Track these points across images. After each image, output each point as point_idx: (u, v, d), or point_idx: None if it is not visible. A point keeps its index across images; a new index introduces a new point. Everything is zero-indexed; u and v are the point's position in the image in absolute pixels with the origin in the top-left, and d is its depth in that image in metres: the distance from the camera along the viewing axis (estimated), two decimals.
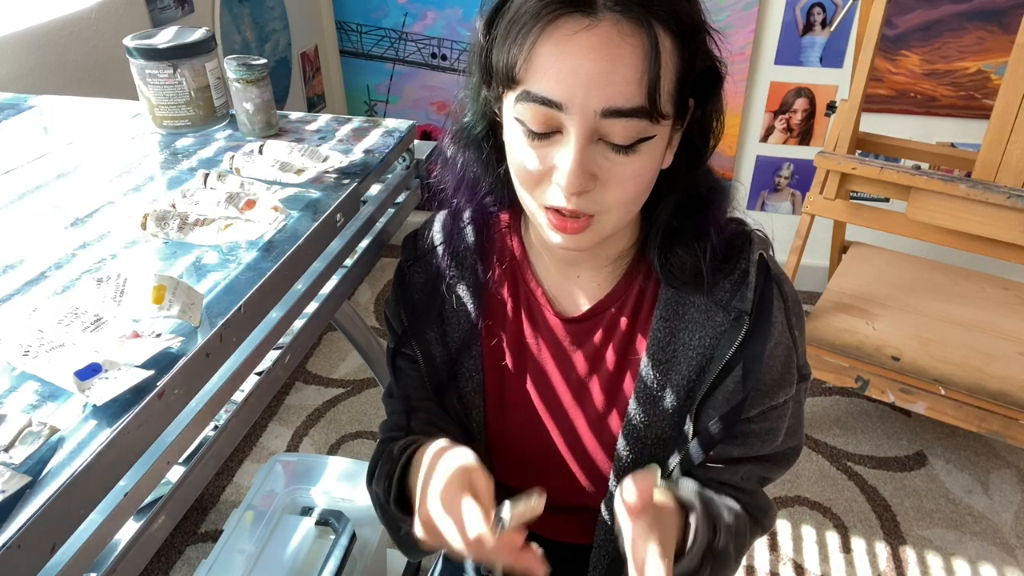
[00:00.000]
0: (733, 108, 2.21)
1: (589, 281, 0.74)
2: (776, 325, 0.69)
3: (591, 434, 0.77)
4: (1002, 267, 2.05)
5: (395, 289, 0.81)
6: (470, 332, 0.77)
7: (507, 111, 0.63)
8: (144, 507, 0.55)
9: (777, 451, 0.76)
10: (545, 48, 0.57)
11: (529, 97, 0.58)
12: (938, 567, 1.59)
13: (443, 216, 0.78)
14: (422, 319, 0.78)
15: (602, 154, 0.59)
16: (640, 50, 0.56)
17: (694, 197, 0.68)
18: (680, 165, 0.66)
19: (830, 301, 1.86)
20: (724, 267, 0.69)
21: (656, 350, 0.71)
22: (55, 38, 1.33)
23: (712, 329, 0.69)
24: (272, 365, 0.72)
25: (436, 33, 2.32)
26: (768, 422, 0.72)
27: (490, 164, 0.71)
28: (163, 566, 1.59)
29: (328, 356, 2.23)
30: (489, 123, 0.69)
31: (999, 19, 1.94)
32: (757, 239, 0.71)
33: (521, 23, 0.58)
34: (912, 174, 1.52)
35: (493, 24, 0.61)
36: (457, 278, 0.77)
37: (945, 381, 1.61)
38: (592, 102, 0.56)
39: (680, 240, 0.68)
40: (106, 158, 0.92)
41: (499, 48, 0.60)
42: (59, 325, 0.57)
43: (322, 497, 1.34)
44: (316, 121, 1.03)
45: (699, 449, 0.72)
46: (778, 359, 0.70)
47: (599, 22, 0.56)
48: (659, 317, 0.71)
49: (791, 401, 0.73)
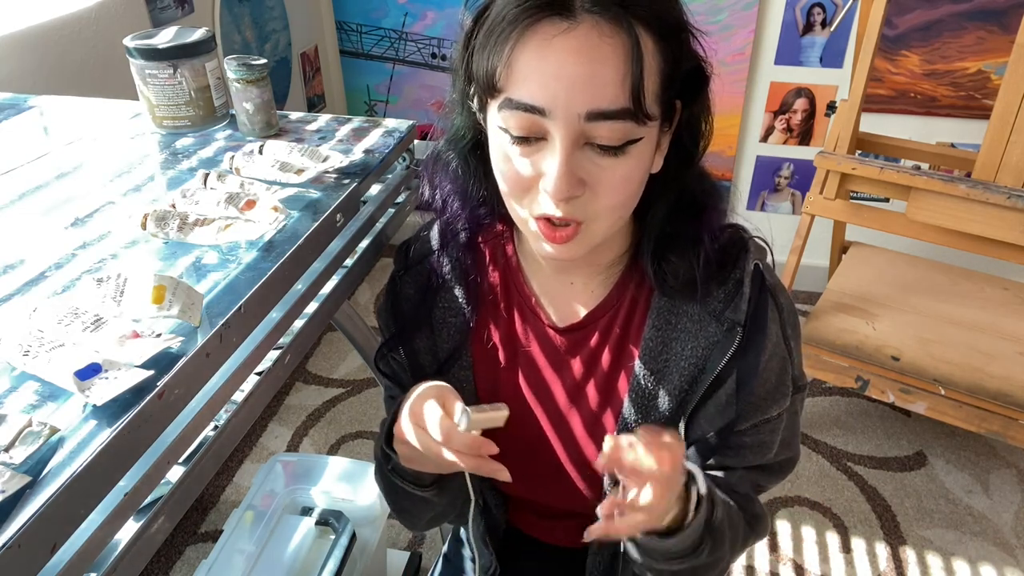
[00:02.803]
0: (733, 108, 2.21)
1: (583, 289, 0.74)
2: (771, 337, 0.68)
3: (587, 440, 0.77)
4: (1002, 267, 2.05)
5: (387, 297, 0.81)
6: (461, 341, 0.76)
7: (491, 120, 0.62)
8: (144, 507, 0.55)
9: (771, 462, 0.75)
10: (525, 54, 0.56)
11: (512, 104, 0.57)
12: (938, 567, 1.59)
13: (435, 226, 0.78)
14: (411, 327, 0.78)
15: (589, 159, 0.58)
16: (621, 50, 0.55)
17: (687, 202, 0.67)
18: (671, 169, 0.65)
19: (830, 301, 1.86)
20: (718, 275, 0.68)
21: (648, 359, 0.70)
22: (55, 38, 1.33)
23: (705, 339, 0.69)
24: (272, 365, 0.72)
25: (436, 33, 2.32)
26: (761, 435, 0.72)
27: (479, 176, 0.70)
28: (163, 566, 1.59)
29: (328, 356, 2.23)
30: (476, 134, 0.68)
31: (999, 19, 1.94)
32: (754, 247, 0.70)
33: (499, 30, 0.57)
34: (912, 174, 1.52)
35: (473, 34, 0.60)
36: (449, 287, 0.76)
37: (945, 381, 1.61)
38: (575, 105, 0.55)
39: (673, 247, 0.67)
40: (106, 158, 0.92)
41: (479, 57, 0.59)
42: (59, 325, 0.57)
43: (322, 497, 1.34)
44: (316, 121, 1.03)
45: (694, 458, 0.72)
46: (772, 372, 0.69)
47: (578, 24, 0.55)
48: (651, 326, 0.70)
49: (785, 413, 0.72)
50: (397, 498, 0.77)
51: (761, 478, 0.76)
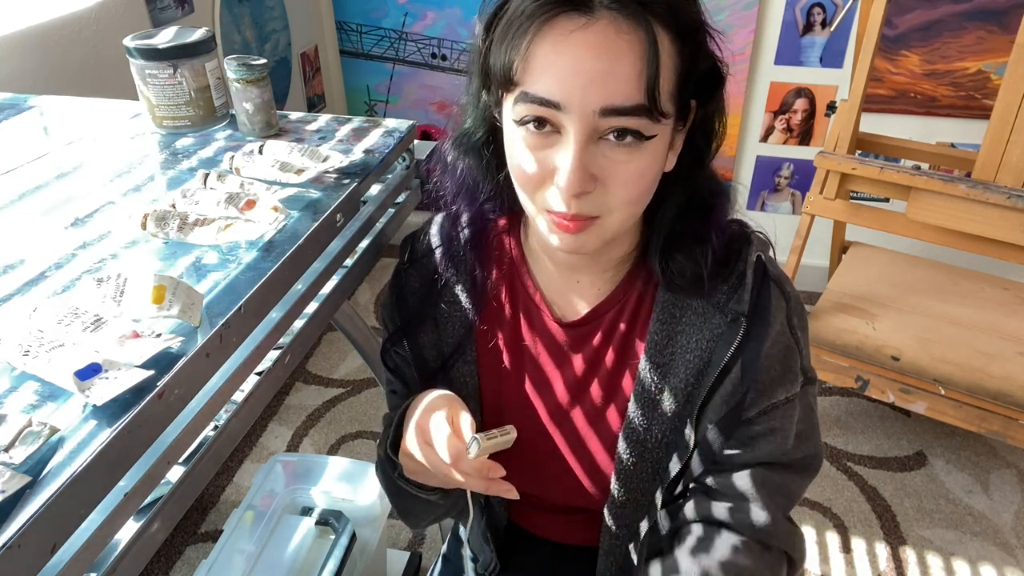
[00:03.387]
0: (733, 108, 2.20)
1: (589, 286, 0.74)
2: (774, 325, 0.68)
3: (592, 436, 0.77)
4: (1002, 267, 2.05)
5: (391, 290, 0.81)
6: (465, 336, 0.77)
7: (506, 114, 0.62)
8: (144, 507, 0.55)
9: (792, 458, 0.71)
10: (542, 48, 0.56)
11: (527, 98, 0.58)
12: (938, 567, 1.59)
13: (441, 219, 0.78)
14: (415, 321, 0.78)
15: (603, 154, 0.59)
16: (638, 47, 0.55)
17: (696, 201, 0.68)
18: (682, 168, 0.66)
19: (830, 301, 1.86)
20: (722, 270, 0.69)
21: (654, 353, 0.70)
22: (55, 38, 1.33)
23: (709, 332, 0.69)
24: (272, 365, 0.72)
25: (436, 33, 2.32)
26: (771, 421, 0.69)
27: (490, 170, 0.70)
28: (163, 566, 1.59)
29: (328, 356, 2.23)
30: (489, 129, 0.68)
31: (999, 19, 1.94)
32: (756, 240, 0.71)
33: (517, 24, 0.57)
34: (912, 174, 1.52)
35: (490, 28, 0.61)
36: (454, 281, 0.76)
37: (945, 381, 1.61)
38: (591, 100, 0.56)
39: (681, 245, 0.68)
40: (106, 158, 0.92)
41: (496, 50, 0.60)
42: (59, 325, 0.57)
43: (322, 497, 1.34)
44: (316, 121, 1.03)
45: (701, 455, 0.71)
46: (776, 358, 0.69)
47: (596, 20, 0.55)
48: (656, 320, 0.70)
49: (796, 401, 0.70)
50: (400, 500, 0.78)
51: (783, 478, 0.71)
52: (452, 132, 0.73)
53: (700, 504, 0.71)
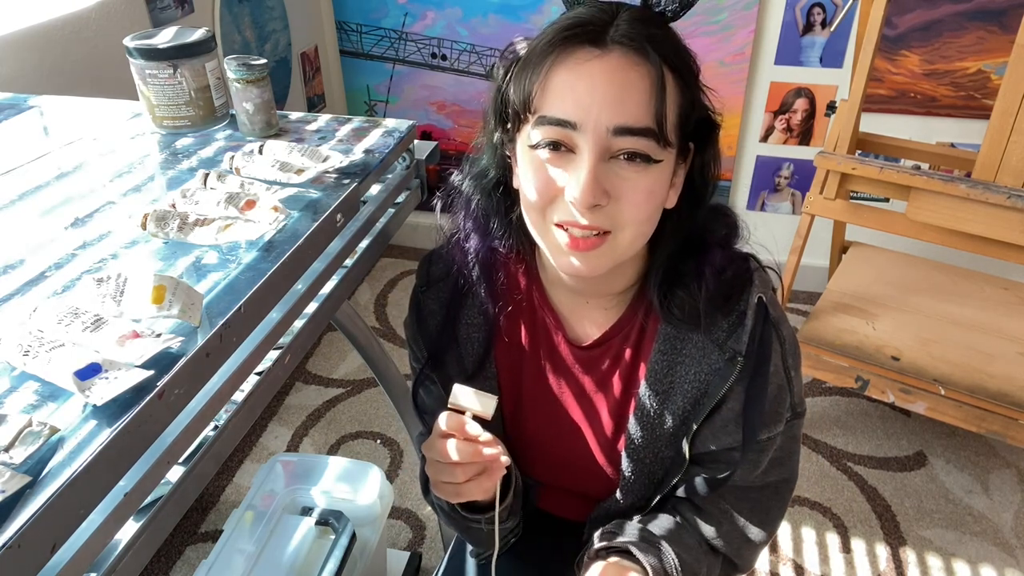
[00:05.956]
0: (733, 108, 2.21)
1: (598, 313, 0.78)
2: (770, 367, 0.72)
3: (600, 452, 0.81)
4: (1002, 267, 2.05)
5: (411, 315, 0.84)
6: (484, 355, 0.80)
7: (521, 145, 0.66)
8: (144, 507, 0.55)
9: (764, 481, 0.78)
10: (560, 75, 0.62)
11: (545, 121, 0.62)
12: (938, 567, 1.59)
13: (455, 241, 0.80)
14: (438, 348, 0.81)
15: (614, 172, 0.63)
16: (648, 79, 0.61)
17: (695, 240, 0.72)
18: (682, 207, 0.70)
19: (830, 301, 1.86)
20: (724, 307, 0.72)
21: (654, 381, 0.75)
22: (55, 38, 1.33)
23: (708, 366, 0.72)
24: (272, 365, 0.72)
25: (436, 33, 2.32)
26: (748, 455, 0.75)
27: (500, 210, 0.75)
28: (163, 566, 1.59)
29: (328, 356, 2.23)
30: (501, 170, 0.73)
31: (999, 19, 1.94)
32: (759, 280, 0.73)
33: (536, 58, 0.63)
34: (912, 174, 1.52)
35: (510, 68, 0.66)
36: (471, 303, 0.80)
37: (945, 381, 1.61)
38: (604, 119, 0.60)
39: (679, 281, 0.71)
40: (106, 158, 0.92)
41: (515, 84, 0.65)
42: (59, 325, 0.57)
43: (322, 497, 1.34)
44: (316, 121, 1.03)
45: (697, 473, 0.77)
46: (767, 399, 0.73)
47: (609, 52, 0.61)
48: (657, 351, 0.74)
49: (777, 436, 0.76)
50: (459, 529, 0.85)
51: (751, 493, 0.79)
52: (466, 168, 0.77)
53: (675, 504, 0.81)
